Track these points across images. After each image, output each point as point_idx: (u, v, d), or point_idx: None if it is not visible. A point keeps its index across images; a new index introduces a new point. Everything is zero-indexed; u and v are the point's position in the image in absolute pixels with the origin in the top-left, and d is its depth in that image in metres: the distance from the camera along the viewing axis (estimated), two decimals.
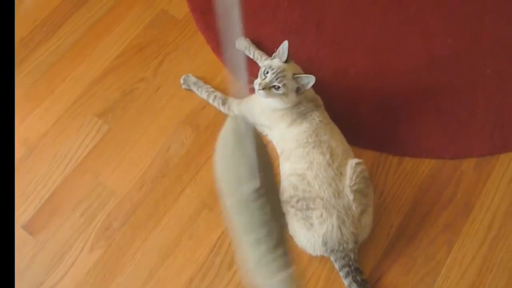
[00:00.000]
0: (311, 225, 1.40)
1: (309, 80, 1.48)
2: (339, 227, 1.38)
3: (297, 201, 1.41)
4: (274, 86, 1.48)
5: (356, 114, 1.73)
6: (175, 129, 1.71)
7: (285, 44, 1.50)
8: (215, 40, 1.83)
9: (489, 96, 1.74)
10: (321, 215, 1.39)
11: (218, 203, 1.56)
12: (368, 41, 1.86)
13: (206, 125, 1.72)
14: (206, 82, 1.76)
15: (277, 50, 1.53)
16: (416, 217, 1.58)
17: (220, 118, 1.73)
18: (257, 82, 1.49)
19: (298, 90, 1.51)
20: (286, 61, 1.51)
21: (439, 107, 1.74)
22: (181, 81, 1.75)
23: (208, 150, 1.66)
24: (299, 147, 1.47)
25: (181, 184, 1.62)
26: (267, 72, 1.49)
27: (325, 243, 1.40)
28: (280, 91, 1.48)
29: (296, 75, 1.50)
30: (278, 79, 1.47)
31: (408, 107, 1.74)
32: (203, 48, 1.86)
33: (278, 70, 1.48)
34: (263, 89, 1.47)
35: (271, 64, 1.51)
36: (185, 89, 1.75)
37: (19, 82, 1.81)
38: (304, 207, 1.40)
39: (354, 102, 1.75)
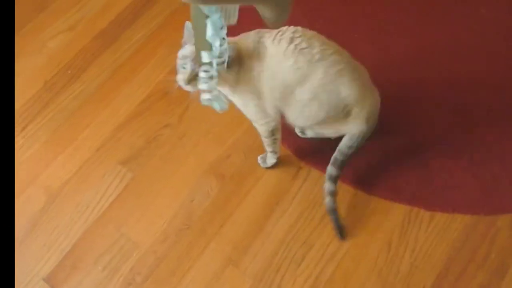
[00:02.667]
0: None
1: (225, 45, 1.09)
2: None
3: None
4: (197, 74, 1.21)
5: (385, 166, 1.68)
6: (200, 179, 1.67)
7: (187, 25, 1.28)
8: None
9: None
10: None
11: (243, 259, 1.52)
12: (395, 89, 1.82)
13: (231, 174, 1.68)
14: (228, 134, 1.71)
15: (184, 36, 1.32)
16: (450, 277, 1.51)
17: (245, 167, 1.69)
18: (179, 79, 1.31)
19: (226, 64, 1.20)
20: None
21: (473, 159, 1.68)
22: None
23: (233, 202, 1.62)
24: None
25: (205, 238, 1.57)
26: (185, 65, 1.28)
27: None
28: (209, 74, 1.17)
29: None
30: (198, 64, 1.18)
31: (440, 158, 1.68)
32: None
33: (194, 55, 1.24)
34: (189, 83, 1.29)
35: (184, 53, 1.30)
36: None
37: (42, 127, 1.79)
38: None
39: (383, 153, 1.70)
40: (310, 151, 1.71)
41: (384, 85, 1.60)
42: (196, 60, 1.23)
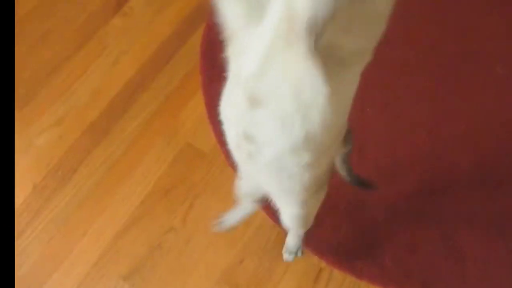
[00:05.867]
0: None
1: None
2: None
3: None
4: None
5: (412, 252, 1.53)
6: None
7: None
8: None
9: None
10: None
11: None
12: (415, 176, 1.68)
13: (246, 283, 1.52)
14: (238, 234, 1.57)
15: None
16: None
17: (261, 272, 1.54)
18: None
19: None
20: None
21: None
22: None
23: None
24: None
25: None
26: None
27: None
28: None
29: None
30: None
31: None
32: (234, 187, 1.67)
33: None
34: None
35: None
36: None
37: (34, 240, 1.63)
38: None
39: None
40: (330, 247, 1.56)
41: (400, 156, 1.55)
42: None
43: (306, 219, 1.24)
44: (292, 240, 1.47)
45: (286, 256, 1.51)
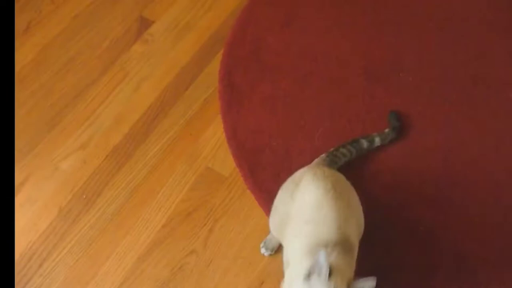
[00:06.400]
0: None
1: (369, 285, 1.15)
2: None
3: None
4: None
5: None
6: None
7: (321, 257, 1.13)
8: (267, 202, 1.70)
9: None
10: None
11: None
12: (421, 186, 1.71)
13: None
14: (258, 257, 1.61)
15: (311, 266, 1.16)
16: None
17: None
18: None
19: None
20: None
21: None
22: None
23: None
24: None
25: None
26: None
27: None
28: None
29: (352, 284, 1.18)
30: None
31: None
32: (254, 210, 1.73)
33: None
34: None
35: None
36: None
37: (59, 263, 1.68)
38: None
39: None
40: None
41: (414, 180, 1.61)
42: None
43: None
44: None
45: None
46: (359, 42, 2.04)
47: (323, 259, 1.13)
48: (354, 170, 1.72)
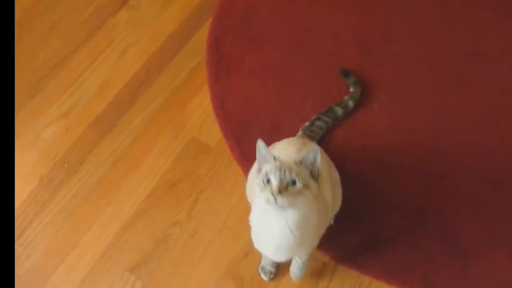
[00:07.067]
0: None
1: (315, 153, 1.14)
2: None
3: None
4: (288, 184, 1.12)
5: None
6: (216, 284, 1.53)
7: (260, 144, 1.14)
8: None
9: None
10: None
11: None
12: (415, 159, 1.69)
13: (250, 276, 1.54)
14: (243, 228, 1.57)
15: (257, 158, 1.17)
16: None
17: None
18: (266, 195, 1.11)
19: (313, 175, 1.17)
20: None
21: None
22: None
23: None
24: None
25: None
26: (268, 180, 1.12)
27: None
28: (299, 185, 1.12)
29: (300, 160, 1.15)
30: (288, 173, 1.11)
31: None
32: (240, 181, 1.69)
33: (280, 166, 1.12)
34: (280, 192, 1.10)
35: (266, 169, 1.13)
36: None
37: (40, 232, 1.64)
38: None
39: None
40: (334, 242, 1.57)
41: (404, 155, 1.58)
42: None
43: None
44: (302, 268, 1.47)
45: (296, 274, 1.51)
46: (352, 13, 1.99)
47: (261, 145, 1.14)
48: (342, 144, 1.69)
